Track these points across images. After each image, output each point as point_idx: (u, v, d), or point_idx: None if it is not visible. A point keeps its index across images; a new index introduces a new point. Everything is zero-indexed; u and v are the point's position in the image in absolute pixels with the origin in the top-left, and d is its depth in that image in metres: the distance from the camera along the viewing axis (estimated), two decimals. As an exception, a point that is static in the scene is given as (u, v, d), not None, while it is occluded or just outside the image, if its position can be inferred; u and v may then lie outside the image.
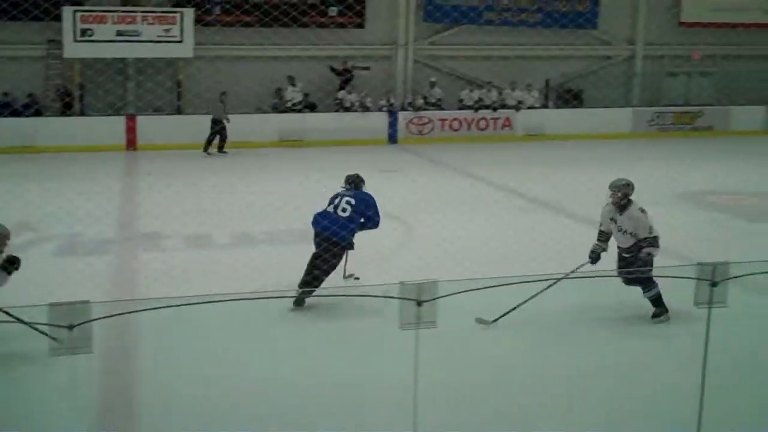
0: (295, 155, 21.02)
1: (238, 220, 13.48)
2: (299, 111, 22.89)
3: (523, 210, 14.58)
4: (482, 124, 24.41)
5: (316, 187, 10.56)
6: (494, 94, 24.75)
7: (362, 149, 21.79)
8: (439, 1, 24.74)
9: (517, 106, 24.66)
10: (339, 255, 8.99)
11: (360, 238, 9.17)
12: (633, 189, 8.68)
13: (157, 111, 22.15)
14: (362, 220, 9.13)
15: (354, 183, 9.44)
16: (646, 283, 8.42)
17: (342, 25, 23.74)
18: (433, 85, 24.67)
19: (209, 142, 20.91)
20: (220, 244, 12.18)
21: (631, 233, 8.58)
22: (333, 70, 23.90)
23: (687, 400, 5.10)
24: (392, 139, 23.57)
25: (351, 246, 9.03)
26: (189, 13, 22.03)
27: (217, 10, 22.80)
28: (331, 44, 23.79)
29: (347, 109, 23.49)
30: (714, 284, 4.09)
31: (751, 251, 10.75)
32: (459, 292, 4.36)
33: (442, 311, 4.31)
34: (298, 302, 8.80)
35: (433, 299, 4.14)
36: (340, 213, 9.00)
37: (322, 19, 23.44)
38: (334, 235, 8.86)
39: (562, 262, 8.85)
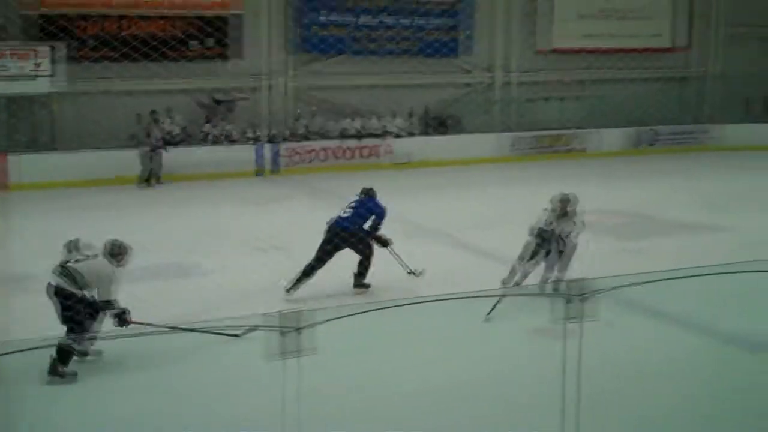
0: (168, 191, 20.74)
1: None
2: (176, 144, 22.56)
3: (406, 235, 14.78)
4: (363, 152, 24.61)
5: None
6: (368, 123, 25.04)
7: (234, 182, 21.69)
8: (308, 33, 24.94)
9: (393, 134, 25.01)
10: (347, 241, 11.11)
11: (241, 269, 9.18)
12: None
13: (30, 148, 21.51)
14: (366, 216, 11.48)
15: (365, 193, 11.95)
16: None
17: (212, 58, 23.61)
18: (303, 116, 24.79)
19: (147, 175, 21.14)
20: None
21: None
22: (214, 99, 23.82)
23: (552, 411, 5.28)
24: (272, 168, 23.43)
25: (357, 236, 11.24)
26: (60, 47, 21.54)
27: (89, 44, 22.35)
28: (205, 76, 23.64)
29: (216, 142, 23.23)
30: (570, 300, 4.28)
31: (620, 267, 11.29)
32: (336, 318, 4.46)
33: (321, 339, 4.40)
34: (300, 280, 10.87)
35: (308, 326, 4.22)
36: (342, 214, 11.46)
37: (190, 52, 23.25)
38: (338, 226, 11.25)
39: (438, 288, 9.03)
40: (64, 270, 8.35)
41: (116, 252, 8.55)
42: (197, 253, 13.26)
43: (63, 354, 7.97)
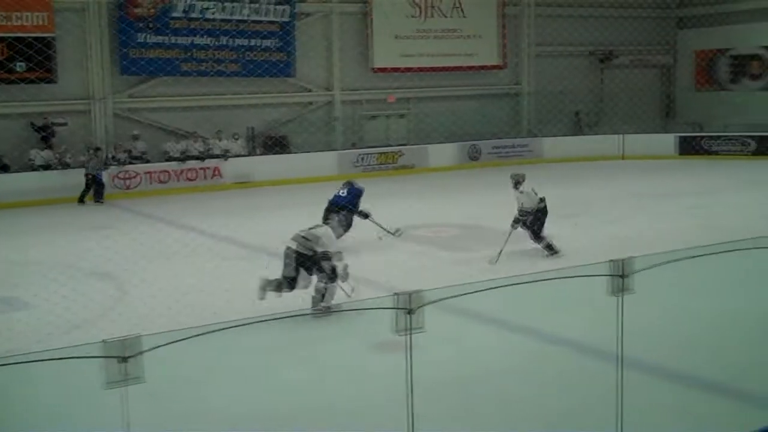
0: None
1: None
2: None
3: (238, 257, 14.57)
4: (190, 174, 24.15)
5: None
6: (200, 144, 24.65)
7: (63, 207, 20.96)
8: (134, 55, 24.31)
9: (224, 155, 24.69)
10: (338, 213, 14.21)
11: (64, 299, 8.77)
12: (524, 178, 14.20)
13: None
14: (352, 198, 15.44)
15: (348, 183, 16.21)
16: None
17: (33, 81, 22.64)
18: (135, 138, 24.16)
19: (84, 194, 21.85)
20: None
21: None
22: (33, 125, 22.88)
23: (397, 422, 5.28)
24: (95, 196, 22.49)
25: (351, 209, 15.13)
26: None
27: None
28: (24, 101, 22.65)
29: (46, 167, 22.40)
30: (410, 311, 4.29)
31: (453, 278, 11.50)
32: (167, 343, 4.28)
33: (150, 365, 4.21)
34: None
35: (140, 353, 4.03)
36: (340, 194, 15.62)
37: (12, 76, 22.28)
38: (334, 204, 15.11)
39: (273, 305, 8.90)
40: None
41: None
42: (17, 284, 12.62)
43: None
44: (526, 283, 5.88)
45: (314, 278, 10.74)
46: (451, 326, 7.86)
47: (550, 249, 14.06)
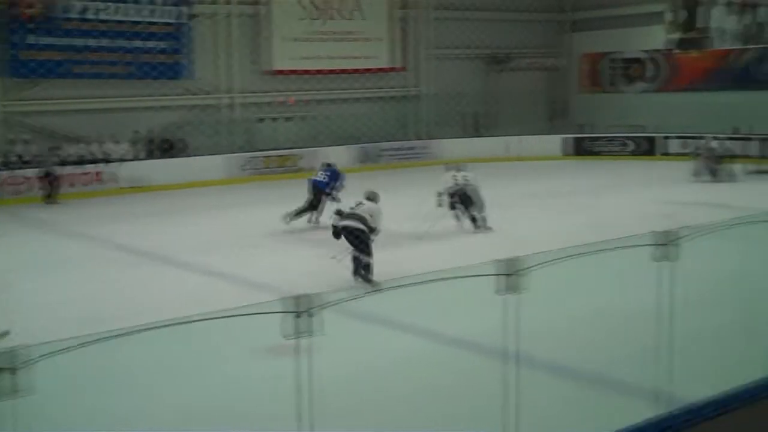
0: None
1: None
2: None
3: (132, 265, 14.35)
4: (84, 179, 23.61)
5: None
6: (94, 148, 24.11)
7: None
8: (23, 57, 23.65)
9: (118, 159, 24.21)
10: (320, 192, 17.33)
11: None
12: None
13: None
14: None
15: (327, 164, 18.58)
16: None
17: None
18: (26, 142, 23.50)
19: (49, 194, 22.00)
20: None
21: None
22: None
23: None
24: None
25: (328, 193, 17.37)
26: None
27: None
28: None
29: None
30: (299, 315, 4.33)
31: (347, 280, 11.59)
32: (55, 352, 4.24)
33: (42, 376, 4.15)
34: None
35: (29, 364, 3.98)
36: (319, 178, 17.73)
37: None
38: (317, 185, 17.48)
39: (167, 314, 8.79)
40: None
41: None
42: None
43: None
44: (418, 284, 5.98)
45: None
46: (345, 329, 7.92)
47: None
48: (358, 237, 12.47)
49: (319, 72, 29.33)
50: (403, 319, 9.47)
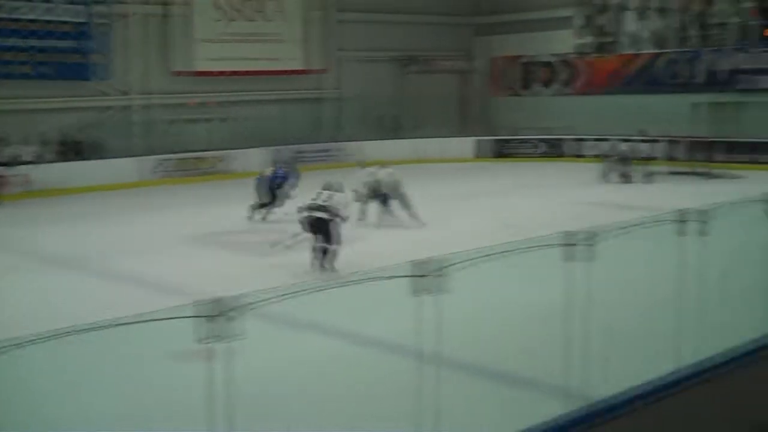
0: None
1: None
2: None
3: (35, 271, 13.94)
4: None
5: None
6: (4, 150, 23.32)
7: None
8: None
9: (22, 162, 23.42)
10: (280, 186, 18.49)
11: None
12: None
13: None
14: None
15: (284, 162, 19.43)
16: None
17: None
18: None
19: None
20: None
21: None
22: None
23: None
24: None
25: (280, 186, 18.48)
26: None
27: None
28: None
29: None
30: (215, 318, 4.27)
31: (266, 282, 11.49)
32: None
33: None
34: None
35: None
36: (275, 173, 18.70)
37: None
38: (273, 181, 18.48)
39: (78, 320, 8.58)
40: None
41: None
42: None
43: None
44: (334, 287, 5.98)
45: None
46: (260, 332, 7.86)
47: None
48: (328, 227, 13.35)
49: (235, 73, 29.06)
50: (321, 321, 9.45)
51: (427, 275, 5.35)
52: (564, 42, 31.31)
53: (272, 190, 18.60)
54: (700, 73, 29.46)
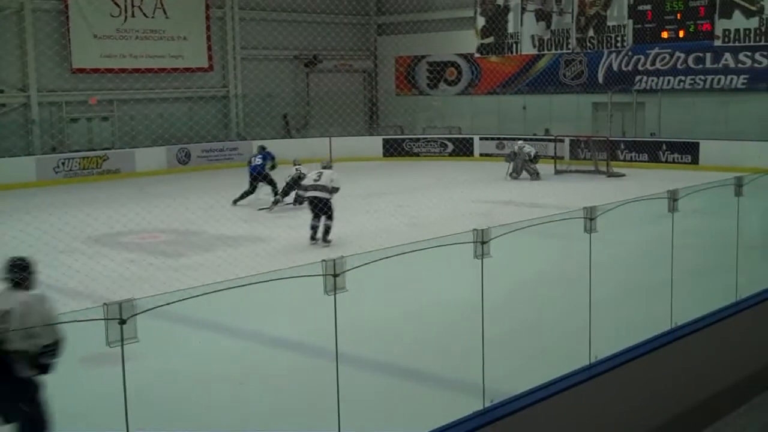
0: None
1: None
2: None
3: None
4: None
5: None
6: None
7: None
8: None
9: None
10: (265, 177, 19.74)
11: None
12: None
13: None
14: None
15: (262, 147, 20.51)
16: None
17: None
18: None
19: None
20: None
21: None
22: None
23: None
24: None
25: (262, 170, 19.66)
26: None
27: None
28: None
29: None
30: (123, 322, 4.15)
31: (166, 285, 11.26)
32: None
33: None
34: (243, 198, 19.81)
35: None
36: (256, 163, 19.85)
37: None
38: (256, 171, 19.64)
39: None
40: None
41: None
42: None
43: None
44: (242, 286, 5.87)
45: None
46: (167, 334, 7.69)
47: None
48: (326, 205, 14.93)
49: (122, 71, 28.13)
50: (230, 322, 9.32)
51: (338, 274, 5.27)
52: (469, 42, 31.63)
53: (254, 179, 19.87)
54: (600, 74, 30.16)
